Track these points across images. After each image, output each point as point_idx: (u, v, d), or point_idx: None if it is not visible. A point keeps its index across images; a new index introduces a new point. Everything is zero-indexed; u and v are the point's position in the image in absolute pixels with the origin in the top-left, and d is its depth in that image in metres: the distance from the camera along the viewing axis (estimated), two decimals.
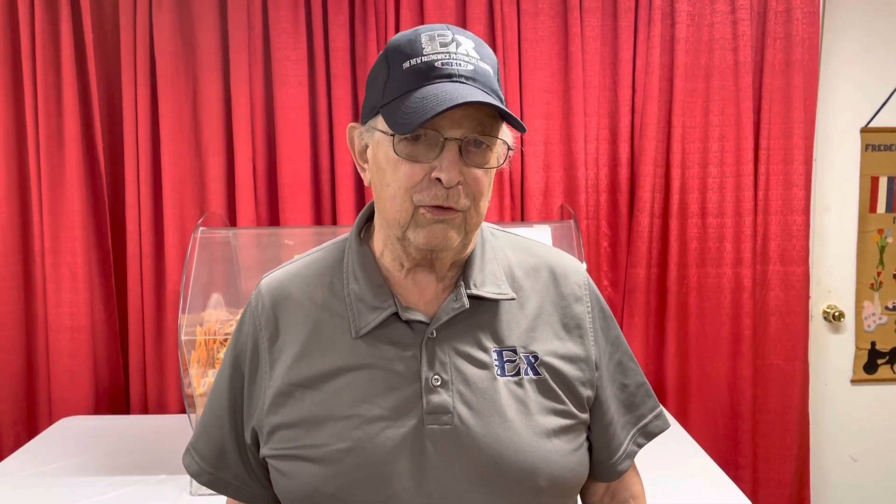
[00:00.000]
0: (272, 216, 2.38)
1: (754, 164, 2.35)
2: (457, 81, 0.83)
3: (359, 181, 2.33)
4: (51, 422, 2.27)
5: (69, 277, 2.29)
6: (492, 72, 0.87)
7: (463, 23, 2.30)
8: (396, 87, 0.85)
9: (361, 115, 0.93)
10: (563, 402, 0.91)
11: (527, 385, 0.89)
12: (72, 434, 2.12)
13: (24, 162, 2.30)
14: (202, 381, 1.82)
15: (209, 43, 2.28)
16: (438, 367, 0.88)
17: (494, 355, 0.90)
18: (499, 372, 0.89)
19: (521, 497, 0.86)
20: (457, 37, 0.86)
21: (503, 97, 0.90)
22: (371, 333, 0.90)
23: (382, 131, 0.86)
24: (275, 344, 0.94)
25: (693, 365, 2.40)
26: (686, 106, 2.34)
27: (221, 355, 1.84)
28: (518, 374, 0.90)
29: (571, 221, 2.08)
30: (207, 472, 0.99)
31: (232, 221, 2.34)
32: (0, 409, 2.33)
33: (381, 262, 0.95)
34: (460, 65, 0.84)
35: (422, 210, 0.85)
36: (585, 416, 0.94)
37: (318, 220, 2.37)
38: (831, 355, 2.57)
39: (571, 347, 0.94)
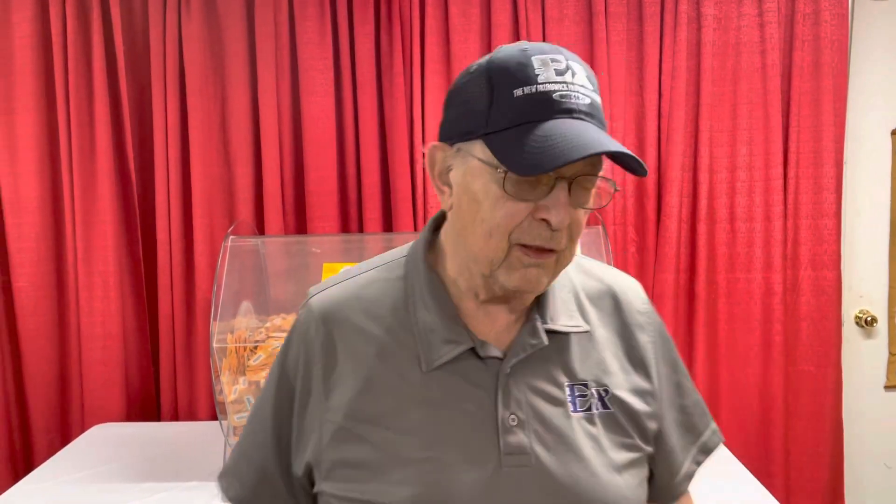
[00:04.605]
0: (300, 224, 2.40)
1: (783, 168, 2.32)
2: (577, 118, 0.76)
3: (385, 189, 2.34)
4: (83, 429, 2.30)
5: (101, 286, 2.32)
6: (601, 102, 0.81)
7: (488, 29, 2.30)
8: (506, 117, 0.77)
9: (445, 133, 0.85)
10: (630, 437, 0.88)
11: (597, 420, 0.86)
12: (104, 441, 2.14)
13: (57, 172, 2.34)
14: (233, 388, 1.84)
15: (237, 53, 2.31)
16: (514, 405, 0.83)
17: (567, 390, 0.86)
18: (573, 409, 0.85)
19: None
20: (571, 64, 0.78)
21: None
22: (441, 367, 0.84)
23: (485, 161, 0.78)
24: (333, 372, 0.87)
25: (723, 371, 2.38)
26: (713, 110, 2.32)
27: (252, 362, 1.85)
28: (589, 409, 0.86)
29: (599, 227, 2.07)
30: (246, 500, 0.96)
31: (260, 230, 2.35)
32: (34, 416, 2.37)
33: (451, 291, 0.89)
34: (579, 98, 0.77)
35: (518, 251, 0.79)
36: (650, 448, 0.91)
37: (344, 228, 2.38)
38: (864, 361, 2.53)
39: (638, 381, 0.92)
